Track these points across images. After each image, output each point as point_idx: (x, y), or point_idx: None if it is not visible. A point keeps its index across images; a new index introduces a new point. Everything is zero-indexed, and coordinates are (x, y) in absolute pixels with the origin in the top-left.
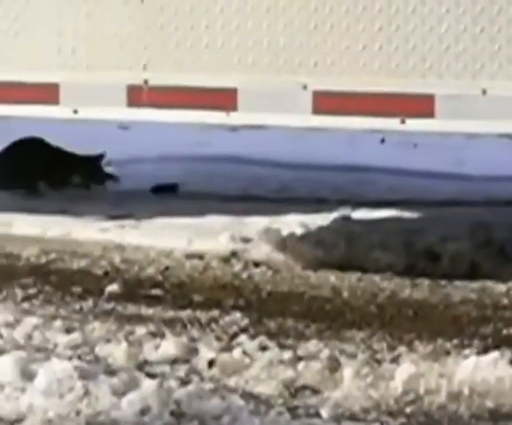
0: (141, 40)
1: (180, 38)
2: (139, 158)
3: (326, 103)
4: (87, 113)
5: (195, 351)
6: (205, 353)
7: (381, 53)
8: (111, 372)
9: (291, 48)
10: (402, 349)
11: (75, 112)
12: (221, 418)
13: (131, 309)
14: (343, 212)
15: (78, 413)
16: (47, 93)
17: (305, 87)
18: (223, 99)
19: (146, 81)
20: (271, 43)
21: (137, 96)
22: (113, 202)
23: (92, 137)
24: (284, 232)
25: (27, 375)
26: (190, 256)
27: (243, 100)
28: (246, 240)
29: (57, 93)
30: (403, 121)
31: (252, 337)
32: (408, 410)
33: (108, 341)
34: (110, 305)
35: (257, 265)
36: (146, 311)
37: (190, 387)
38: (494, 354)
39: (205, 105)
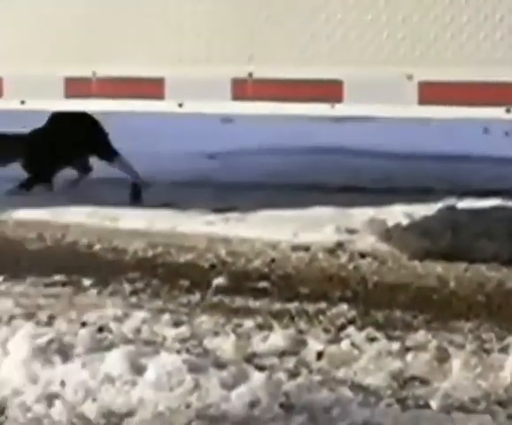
0: (246, 33)
1: (284, 30)
2: (243, 151)
3: (431, 93)
4: (192, 107)
5: (303, 343)
6: (314, 345)
7: (486, 43)
8: (220, 365)
9: (396, 39)
10: (511, 339)
11: (180, 105)
12: (331, 410)
13: (238, 302)
14: (448, 201)
15: (188, 406)
16: (152, 87)
17: (410, 77)
18: (328, 91)
19: (251, 74)
20: (376, 35)
21: (242, 89)
22: (218, 195)
23: (196, 130)
24: (389, 222)
25: (137, 369)
26: (295, 248)
27: (348, 92)
28: (352, 231)
29: (162, 87)
30: (508, 110)
31: (360, 329)
32: None
33: (216, 334)
34: (217, 298)
35: (363, 256)
36: (254, 303)
37: (299, 379)
38: None
39: (309, 97)
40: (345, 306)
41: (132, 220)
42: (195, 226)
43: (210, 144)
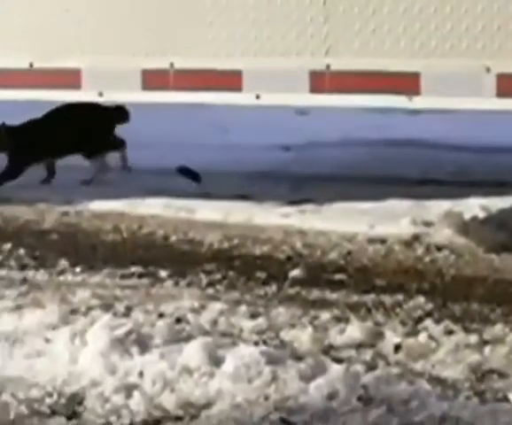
0: (323, 25)
1: (362, 23)
2: (319, 143)
3: (510, 85)
4: (269, 99)
5: (380, 336)
6: (391, 338)
7: None
8: (298, 357)
9: (474, 31)
10: None
11: (258, 97)
12: (409, 402)
13: (315, 294)
14: None
15: (266, 397)
16: (230, 79)
17: (488, 70)
18: (406, 84)
19: (328, 66)
20: (454, 27)
21: (319, 81)
22: (293, 187)
23: (271, 122)
24: (466, 215)
25: (215, 361)
26: (372, 240)
27: (425, 84)
28: (428, 224)
29: (239, 79)
30: None
31: (437, 321)
32: None
33: (293, 326)
34: (294, 290)
35: (439, 248)
36: (330, 295)
37: (377, 372)
38: None
39: (386, 90)
40: (421, 299)
41: (208, 211)
42: (270, 218)
43: (285, 136)
